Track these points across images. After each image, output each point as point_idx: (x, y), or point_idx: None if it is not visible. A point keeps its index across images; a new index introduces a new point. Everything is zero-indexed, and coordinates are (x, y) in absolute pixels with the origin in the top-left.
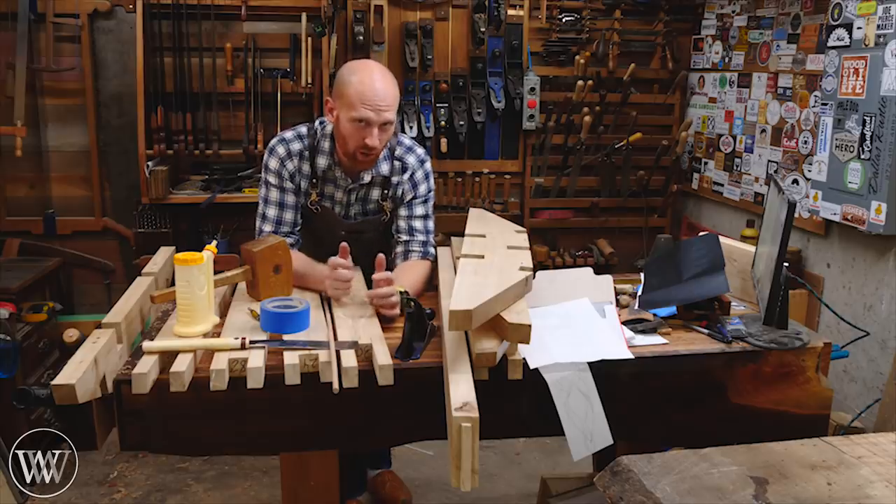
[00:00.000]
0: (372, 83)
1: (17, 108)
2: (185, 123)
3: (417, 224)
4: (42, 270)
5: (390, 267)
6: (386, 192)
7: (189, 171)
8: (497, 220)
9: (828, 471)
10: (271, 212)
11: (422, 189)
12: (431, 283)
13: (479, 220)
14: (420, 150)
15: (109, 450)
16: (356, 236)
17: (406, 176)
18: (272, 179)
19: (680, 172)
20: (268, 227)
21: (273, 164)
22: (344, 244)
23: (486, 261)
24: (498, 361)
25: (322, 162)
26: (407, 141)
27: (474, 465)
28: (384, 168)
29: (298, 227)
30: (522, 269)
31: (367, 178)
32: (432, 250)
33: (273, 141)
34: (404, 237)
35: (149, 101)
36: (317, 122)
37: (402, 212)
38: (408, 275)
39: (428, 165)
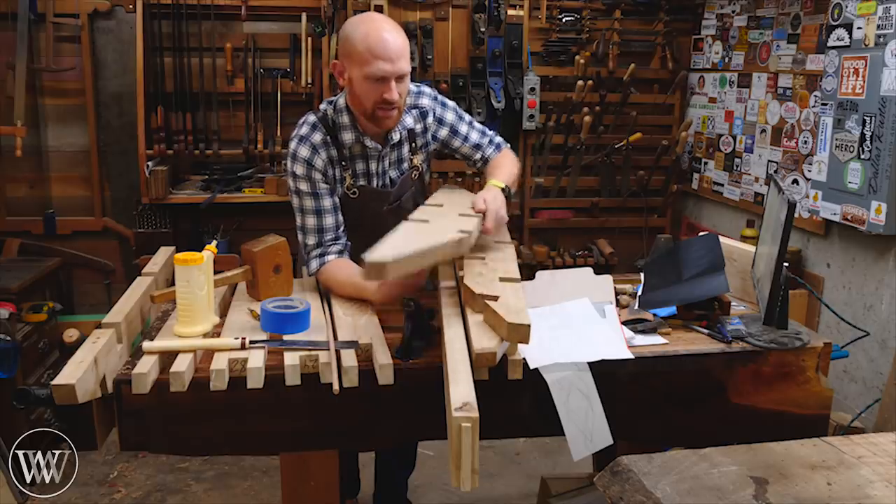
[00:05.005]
0: (381, 34)
1: (17, 108)
2: (185, 123)
3: (475, 136)
4: (42, 270)
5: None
6: (413, 144)
7: (189, 171)
8: (463, 195)
9: (828, 471)
10: (310, 221)
11: (450, 115)
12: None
13: (445, 193)
14: (426, 89)
15: (109, 450)
16: (396, 208)
17: (430, 119)
18: (303, 187)
19: (680, 172)
20: (311, 240)
21: (300, 169)
22: None
23: (429, 224)
24: (498, 361)
25: (348, 137)
26: (412, 86)
27: (474, 465)
28: (409, 121)
29: (342, 228)
30: (461, 231)
31: (396, 136)
32: (500, 140)
33: (293, 144)
34: (477, 154)
35: (149, 101)
36: (324, 104)
37: (456, 142)
38: (499, 172)
39: (437, 94)
